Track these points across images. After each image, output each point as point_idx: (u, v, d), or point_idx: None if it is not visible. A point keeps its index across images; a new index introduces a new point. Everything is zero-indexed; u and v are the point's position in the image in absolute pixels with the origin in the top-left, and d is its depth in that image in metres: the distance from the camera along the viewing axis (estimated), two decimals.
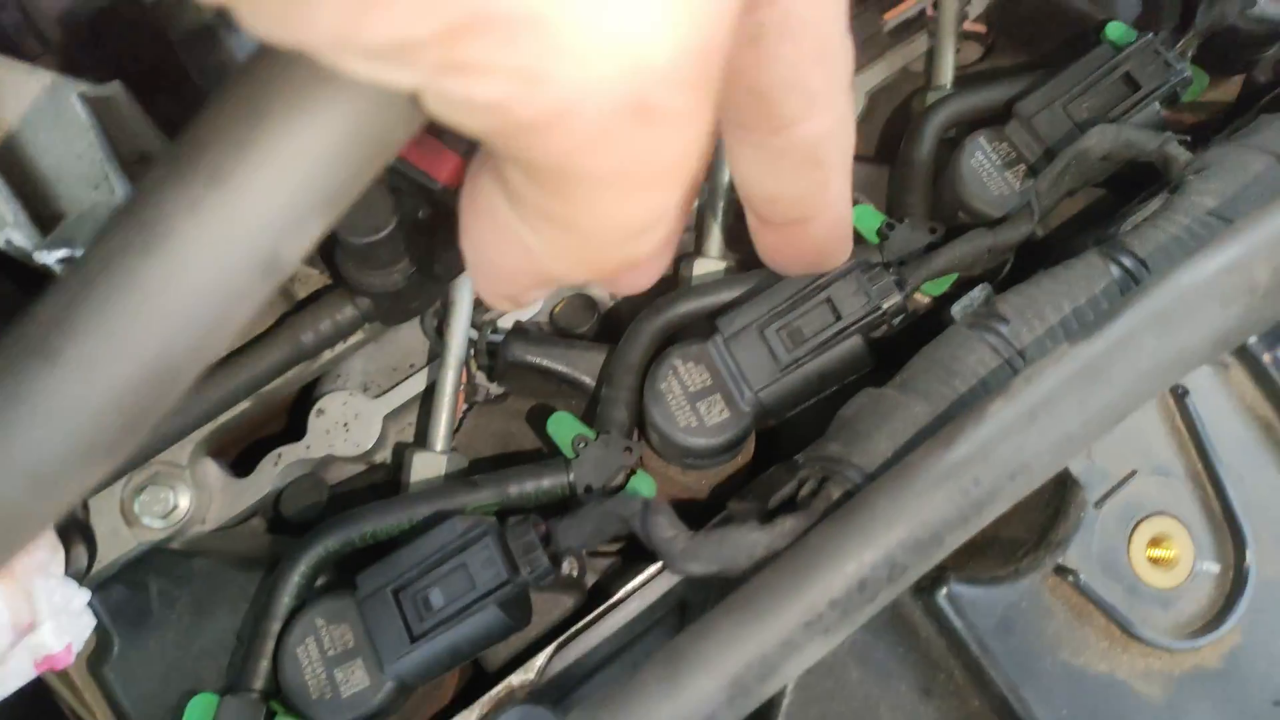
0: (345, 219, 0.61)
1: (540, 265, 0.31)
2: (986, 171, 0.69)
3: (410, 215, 0.61)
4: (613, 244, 0.29)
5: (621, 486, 0.61)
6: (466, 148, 0.65)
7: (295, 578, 0.57)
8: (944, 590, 0.51)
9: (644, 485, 0.62)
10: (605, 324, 0.73)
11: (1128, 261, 0.57)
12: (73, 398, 0.24)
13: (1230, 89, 0.85)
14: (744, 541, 0.46)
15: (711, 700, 0.41)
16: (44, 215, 0.55)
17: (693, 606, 0.60)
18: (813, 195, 0.39)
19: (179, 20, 0.66)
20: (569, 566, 0.59)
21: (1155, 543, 0.53)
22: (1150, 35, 0.71)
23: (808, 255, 0.43)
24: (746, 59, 0.33)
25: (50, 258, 0.54)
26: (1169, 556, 0.53)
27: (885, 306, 0.62)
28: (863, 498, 0.45)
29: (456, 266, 0.65)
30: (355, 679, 0.52)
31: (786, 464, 0.57)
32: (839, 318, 0.61)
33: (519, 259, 0.31)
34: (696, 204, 0.77)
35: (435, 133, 0.64)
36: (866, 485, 0.49)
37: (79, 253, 0.52)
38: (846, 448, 0.51)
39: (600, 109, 0.24)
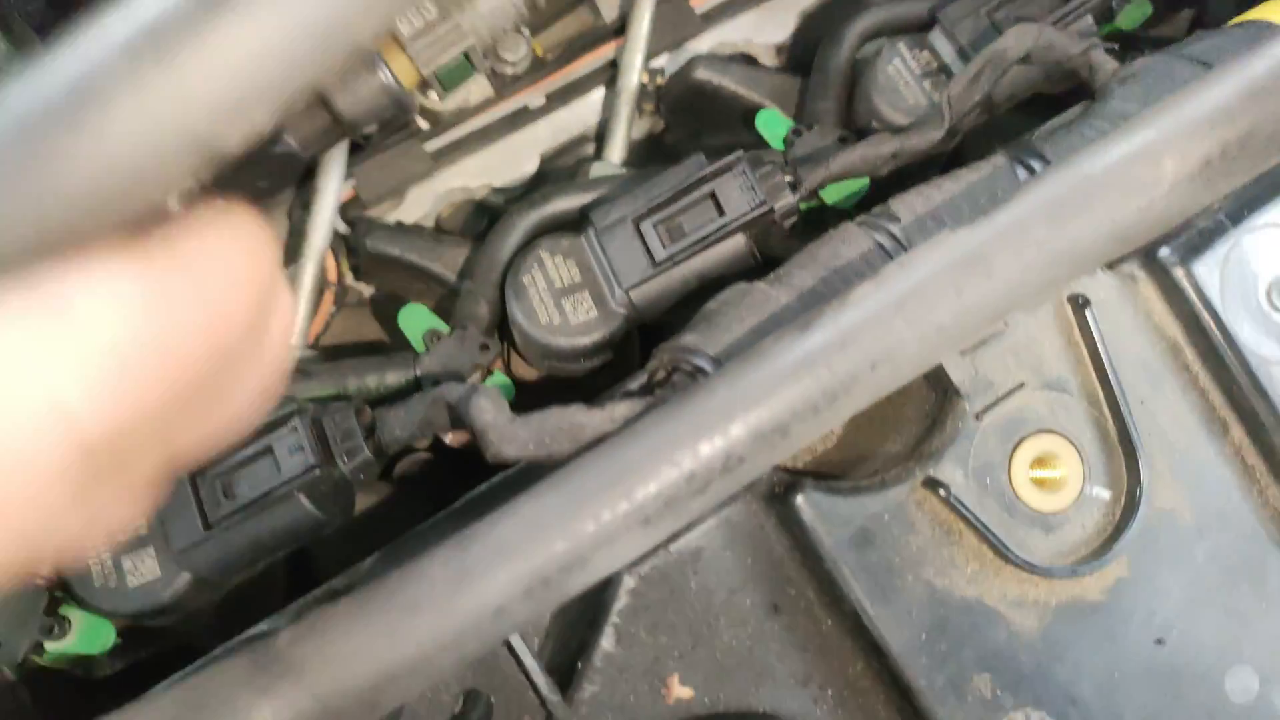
0: None
1: None
2: (904, 79, 0.64)
3: None
4: None
5: None
6: None
7: None
8: (799, 497, 0.46)
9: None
10: None
11: (1036, 164, 0.53)
12: None
13: (1179, 25, 0.80)
14: (567, 423, 0.41)
15: (503, 591, 0.36)
16: None
17: None
18: None
19: None
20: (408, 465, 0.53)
21: (1041, 462, 0.48)
22: None
23: None
24: None
25: None
26: (1055, 478, 0.48)
27: (776, 206, 0.56)
28: (704, 383, 0.40)
29: (313, 140, 0.59)
30: (145, 569, 0.47)
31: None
32: (722, 213, 0.56)
33: None
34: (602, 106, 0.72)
35: None
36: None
37: None
38: (701, 337, 0.46)
39: None
